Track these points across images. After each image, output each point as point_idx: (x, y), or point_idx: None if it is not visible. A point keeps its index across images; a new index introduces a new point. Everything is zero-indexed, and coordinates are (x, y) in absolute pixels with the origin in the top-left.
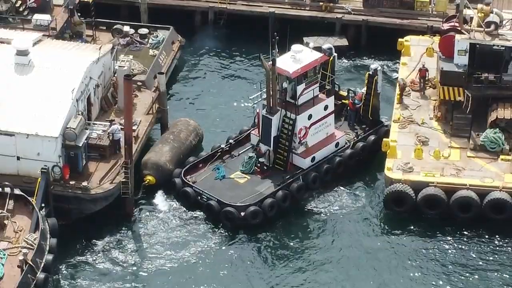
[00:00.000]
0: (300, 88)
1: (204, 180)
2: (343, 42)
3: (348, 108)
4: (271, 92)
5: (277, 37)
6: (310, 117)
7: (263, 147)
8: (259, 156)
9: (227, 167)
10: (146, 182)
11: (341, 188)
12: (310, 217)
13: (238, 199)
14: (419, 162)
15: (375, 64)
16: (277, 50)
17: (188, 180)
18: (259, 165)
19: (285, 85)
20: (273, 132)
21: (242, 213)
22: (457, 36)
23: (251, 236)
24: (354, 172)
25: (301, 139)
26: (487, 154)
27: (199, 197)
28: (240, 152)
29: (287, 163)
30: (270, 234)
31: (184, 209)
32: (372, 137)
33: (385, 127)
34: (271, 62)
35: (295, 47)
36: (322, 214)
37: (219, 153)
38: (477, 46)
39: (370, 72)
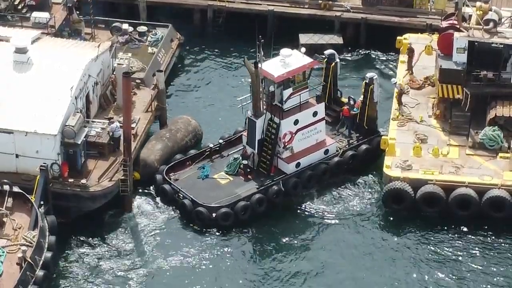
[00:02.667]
0: (286, 92)
1: (187, 179)
2: (339, 40)
3: (344, 115)
4: (255, 95)
5: (262, 40)
6: (296, 122)
7: (249, 149)
8: (244, 158)
9: (214, 167)
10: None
11: (340, 186)
12: (309, 215)
13: (214, 200)
14: (418, 160)
15: (371, 73)
16: (262, 52)
17: (169, 177)
18: (242, 166)
19: (272, 88)
20: (258, 135)
21: (214, 214)
22: (456, 34)
23: (249, 236)
24: (352, 171)
25: (286, 144)
26: (486, 151)
27: (176, 195)
28: (230, 153)
29: (270, 166)
30: (270, 233)
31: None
32: (364, 146)
33: (379, 137)
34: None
35: (284, 51)
36: (321, 212)
37: (207, 152)
38: (476, 44)
39: (366, 81)
